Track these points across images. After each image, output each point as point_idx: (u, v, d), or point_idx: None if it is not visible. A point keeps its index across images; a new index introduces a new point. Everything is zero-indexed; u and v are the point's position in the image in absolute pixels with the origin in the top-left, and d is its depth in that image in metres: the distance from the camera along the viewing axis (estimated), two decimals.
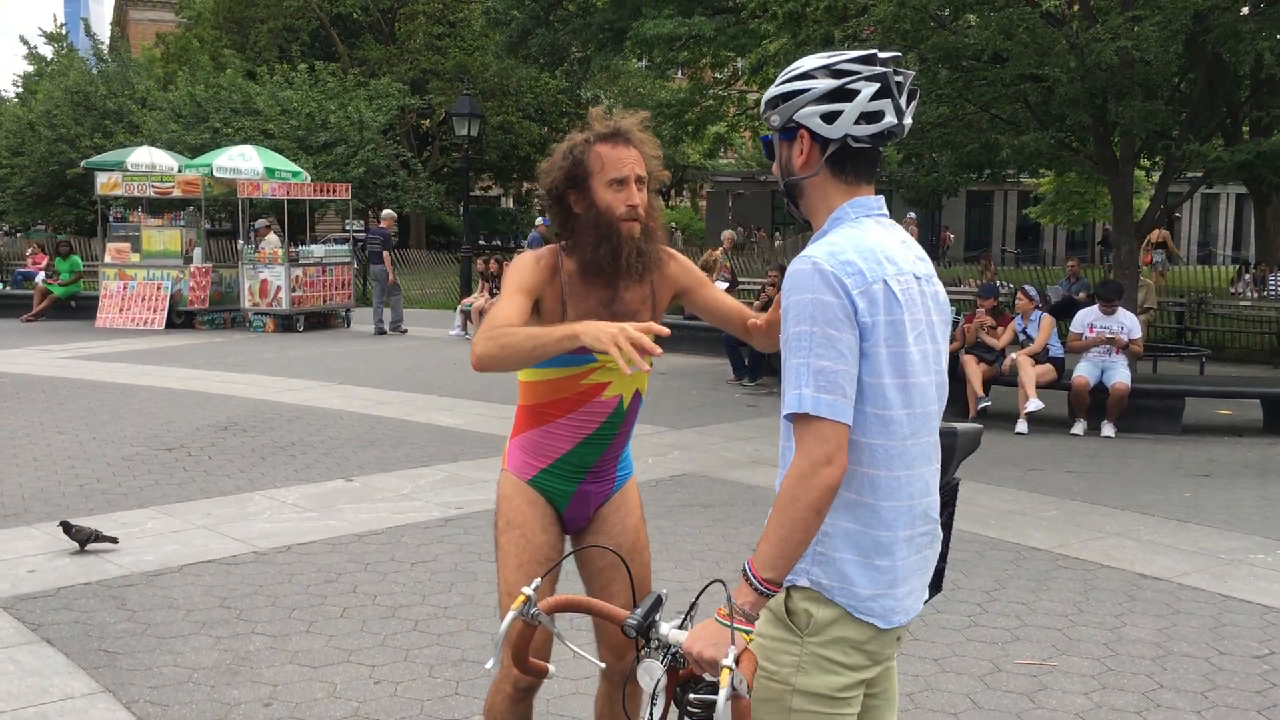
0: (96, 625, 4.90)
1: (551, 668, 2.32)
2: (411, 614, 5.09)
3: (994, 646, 4.78)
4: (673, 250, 3.02)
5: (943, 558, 2.30)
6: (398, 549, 6.07)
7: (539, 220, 21.77)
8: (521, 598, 2.12)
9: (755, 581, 1.97)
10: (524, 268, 2.84)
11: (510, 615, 2.12)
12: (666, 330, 2.52)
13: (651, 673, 2.03)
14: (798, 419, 1.99)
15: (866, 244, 2.07)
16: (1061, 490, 7.57)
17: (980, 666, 4.56)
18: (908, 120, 2.14)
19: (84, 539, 5.91)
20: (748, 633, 1.97)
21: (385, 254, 17.71)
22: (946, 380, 2.21)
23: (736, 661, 1.92)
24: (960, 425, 2.26)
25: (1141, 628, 5.02)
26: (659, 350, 2.37)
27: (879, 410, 2.04)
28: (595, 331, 2.41)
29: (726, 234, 18.66)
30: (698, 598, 2.11)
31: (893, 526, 2.08)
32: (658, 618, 2.06)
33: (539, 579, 2.21)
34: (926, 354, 2.12)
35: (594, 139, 2.83)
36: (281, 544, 6.14)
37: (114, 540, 5.99)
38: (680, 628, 2.07)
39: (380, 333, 17.40)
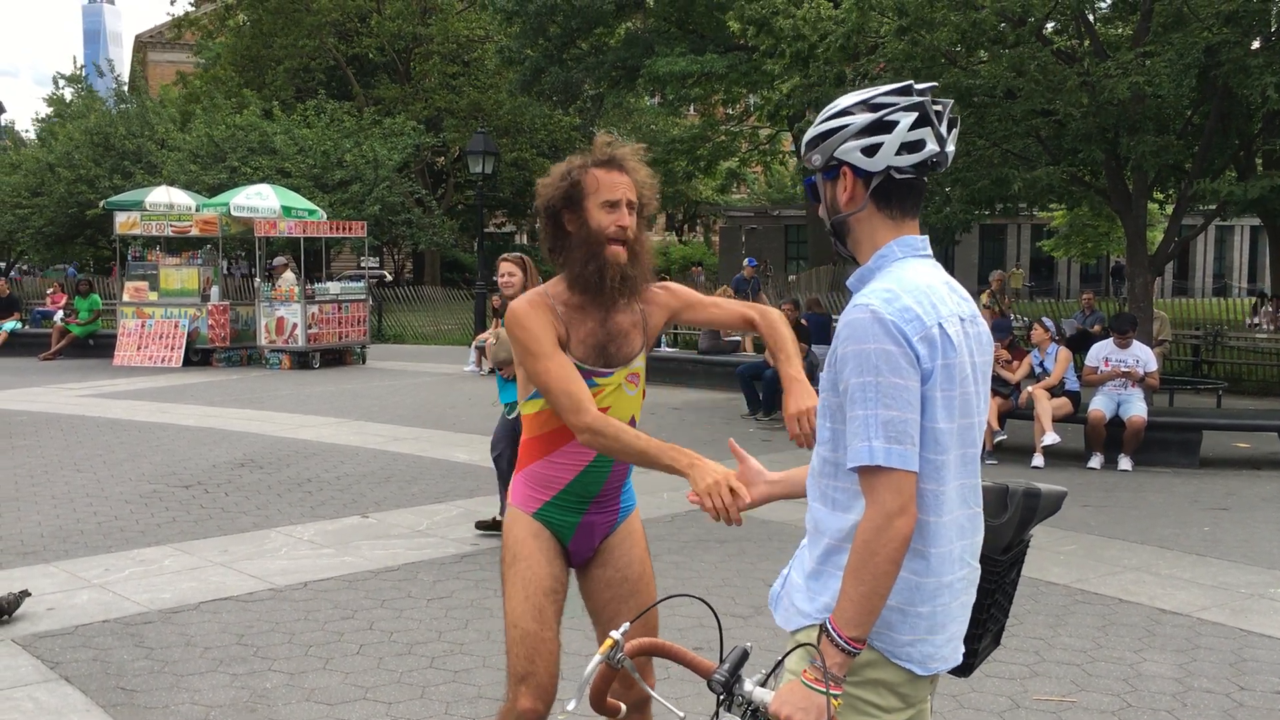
0: (114, 663, 4.92)
1: (623, 707, 2.32)
2: (428, 651, 5.09)
3: (1013, 682, 4.75)
4: (666, 282, 3.23)
5: (1006, 613, 2.28)
6: (414, 585, 6.08)
7: (747, 263, 19.80)
8: (610, 641, 2.11)
9: (841, 641, 1.95)
10: (535, 320, 2.92)
11: (596, 659, 2.11)
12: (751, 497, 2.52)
13: None
14: (866, 471, 1.97)
15: (918, 287, 2.05)
16: (1079, 524, 7.52)
17: (999, 703, 4.53)
18: (950, 148, 2.12)
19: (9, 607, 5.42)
20: (837, 697, 1.94)
21: None
22: (985, 422, 2.18)
23: None
24: (1044, 487, 2.23)
25: (1161, 663, 4.99)
26: (747, 499, 2.46)
27: (932, 455, 2.01)
28: (703, 472, 2.53)
29: (996, 275, 16.90)
30: (784, 657, 2.08)
31: (938, 572, 2.05)
32: (742, 673, 2.05)
33: (627, 624, 2.21)
34: (970, 396, 2.09)
35: (591, 163, 2.99)
36: (298, 581, 6.16)
37: (27, 593, 5.56)
38: (763, 685, 2.06)
39: None
